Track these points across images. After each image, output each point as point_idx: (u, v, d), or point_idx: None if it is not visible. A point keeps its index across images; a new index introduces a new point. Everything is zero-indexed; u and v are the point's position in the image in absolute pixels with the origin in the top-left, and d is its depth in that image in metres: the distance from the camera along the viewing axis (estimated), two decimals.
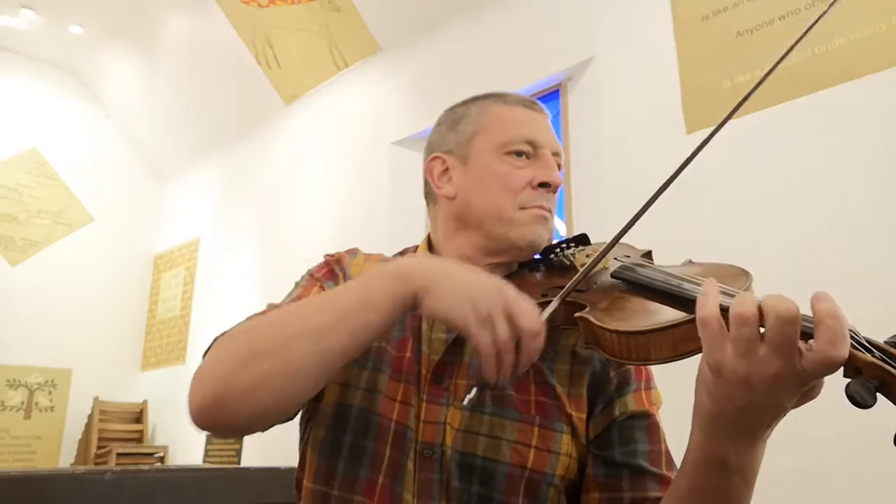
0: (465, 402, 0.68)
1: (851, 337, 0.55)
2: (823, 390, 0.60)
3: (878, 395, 0.53)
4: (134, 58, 6.22)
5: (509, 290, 0.69)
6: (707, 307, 0.59)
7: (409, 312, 0.73)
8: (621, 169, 3.16)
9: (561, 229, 3.49)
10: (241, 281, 5.55)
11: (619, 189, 3.13)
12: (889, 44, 2.47)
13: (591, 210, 3.33)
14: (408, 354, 0.86)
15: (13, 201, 6.25)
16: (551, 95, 3.79)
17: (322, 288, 0.92)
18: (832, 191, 2.51)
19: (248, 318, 0.82)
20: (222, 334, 0.79)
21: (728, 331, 0.58)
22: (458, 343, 0.86)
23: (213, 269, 6.03)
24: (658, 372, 0.91)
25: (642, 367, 0.89)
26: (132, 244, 6.79)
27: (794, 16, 2.74)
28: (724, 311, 0.58)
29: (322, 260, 1.00)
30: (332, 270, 0.96)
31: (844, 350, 0.54)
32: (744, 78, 2.82)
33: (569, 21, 3.61)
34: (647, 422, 0.85)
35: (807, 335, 0.55)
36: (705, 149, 0.73)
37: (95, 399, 5.86)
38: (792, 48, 0.80)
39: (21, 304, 6.02)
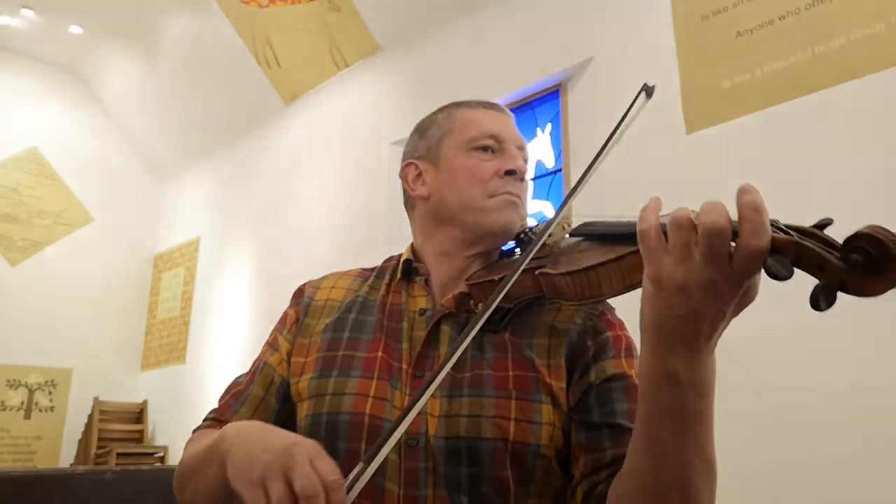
0: None
1: (772, 224, 0.57)
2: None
3: (796, 269, 0.56)
4: (134, 58, 6.22)
5: (302, 452, 0.64)
6: (646, 220, 0.62)
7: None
8: (621, 169, 3.15)
9: None
10: (241, 281, 5.55)
11: (619, 189, 3.13)
12: (889, 44, 2.47)
13: (590, 210, 3.33)
14: (380, 354, 0.90)
15: (13, 201, 6.25)
16: (551, 95, 3.79)
17: (275, 336, 1.01)
18: (832, 191, 2.51)
19: (205, 421, 1.00)
20: (195, 430, 0.98)
21: (666, 242, 0.61)
22: (434, 335, 0.90)
23: (213, 269, 6.02)
24: None
25: (622, 336, 0.91)
26: (132, 244, 6.79)
27: (794, 16, 2.74)
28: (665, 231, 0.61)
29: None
30: (286, 314, 1.03)
31: (766, 239, 0.56)
32: (744, 78, 2.82)
33: (569, 21, 3.61)
34: (624, 383, 0.86)
35: (735, 233, 0.58)
36: (705, 150, 0.75)
37: (95, 399, 5.86)
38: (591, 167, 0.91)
39: (21, 304, 6.02)
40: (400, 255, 1.04)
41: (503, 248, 1.00)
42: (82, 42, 6.24)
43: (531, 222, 1.00)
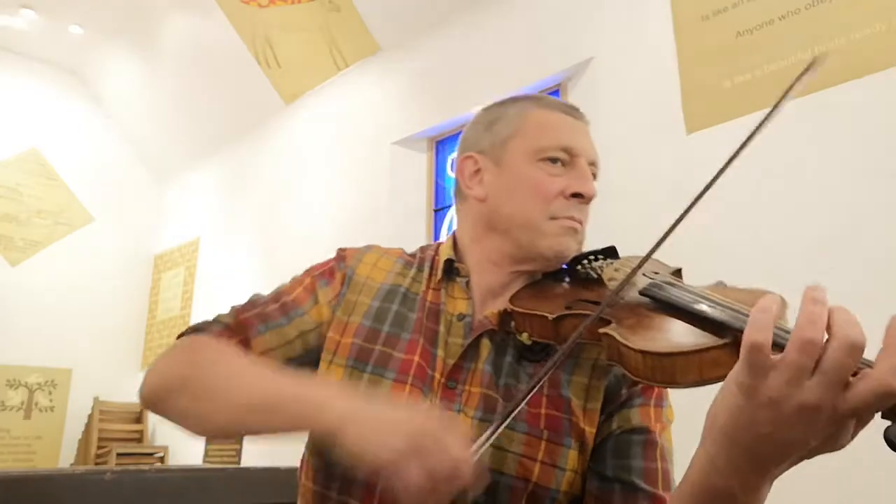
0: None
1: None
2: None
3: None
4: (134, 58, 6.22)
5: (432, 426, 0.66)
6: (762, 330, 0.53)
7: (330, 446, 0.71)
8: (621, 169, 3.15)
9: None
10: (241, 281, 5.55)
11: (619, 189, 3.13)
12: (889, 44, 2.47)
13: (590, 210, 3.33)
14: (416, 358, 0.85)
15: (13, 201, 6.25)
16: (551, 95, 3.79)
17: (313, 285, 0.93)
18: (832, 191, 2.51)
19: (214, 324, 0.88)
20: (189, 332, 0.88)
21: (778, 354, 0.53)
22: (473, 347, 0.85)
23: (213, 269, 6.02)
24: None
25: None
26: (132, 244, 6.79)
27: (795, 16, 2.74)
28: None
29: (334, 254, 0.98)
30: (331, 269, 0.95)
31: None
32: (744, 78, 2.82)
33: (569, 21, 3.60)
34: (645, 437, 0.83)
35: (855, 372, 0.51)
36: (705, 150, 0.72)
37: (95, 399, 5.86)
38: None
39: (21, 304, 6.01)
40: (437, 246, 0.98)
41: None
42: (82, 42, 6.24)
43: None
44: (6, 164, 6.25)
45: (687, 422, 0.96)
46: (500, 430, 0.68)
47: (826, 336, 0.51)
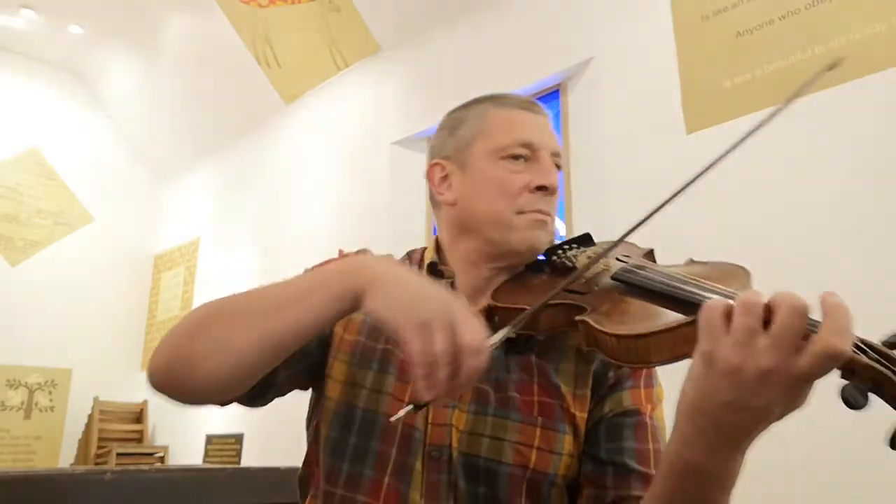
0: (393, 419, 0.69)
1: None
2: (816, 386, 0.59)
3: (872, 396, 0.53)
4: (134, 58, 6.22)
5: (459, 305, 0.68)
6: (715, 299, 0.59)
7: (353, 311, 0.72)
8: (621, 169, 3.16)
9: (561, 229, 3.49)
10: (241, 281, 5.55)
11: (619, 189, 3.13)
12: (889, 44, 2.47)
13: (590, 210, 3.33)
14: None
15: (13, 201, 6.25)
16: (551, 95, 3.79)
17: None
18: (831, 191, 2.51)
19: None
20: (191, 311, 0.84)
21: (730, 322, 0.57)
22: None
23: (213, 269, 6.03)
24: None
25: None
26: (132, 244, 6.79)
27: (794, 16, 2.74)
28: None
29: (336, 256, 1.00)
30: None
31: (847, 343, 0.52)
32: (744, 78, 2.82)
33: (569, 21, 3.61)
34: (636, 419, 0.85)
35: (805, 336, 0.54)
36: (705, 150, 0.73)
37: (95, 399, 5.86)
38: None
39: (21, 304, 6.01)
40: (423, 251, 1.01)
41: None
42: (82, 42, 6.24)
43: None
44: (6, 164, 6.26)
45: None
46: (517, 326, 0.72)
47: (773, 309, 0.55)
